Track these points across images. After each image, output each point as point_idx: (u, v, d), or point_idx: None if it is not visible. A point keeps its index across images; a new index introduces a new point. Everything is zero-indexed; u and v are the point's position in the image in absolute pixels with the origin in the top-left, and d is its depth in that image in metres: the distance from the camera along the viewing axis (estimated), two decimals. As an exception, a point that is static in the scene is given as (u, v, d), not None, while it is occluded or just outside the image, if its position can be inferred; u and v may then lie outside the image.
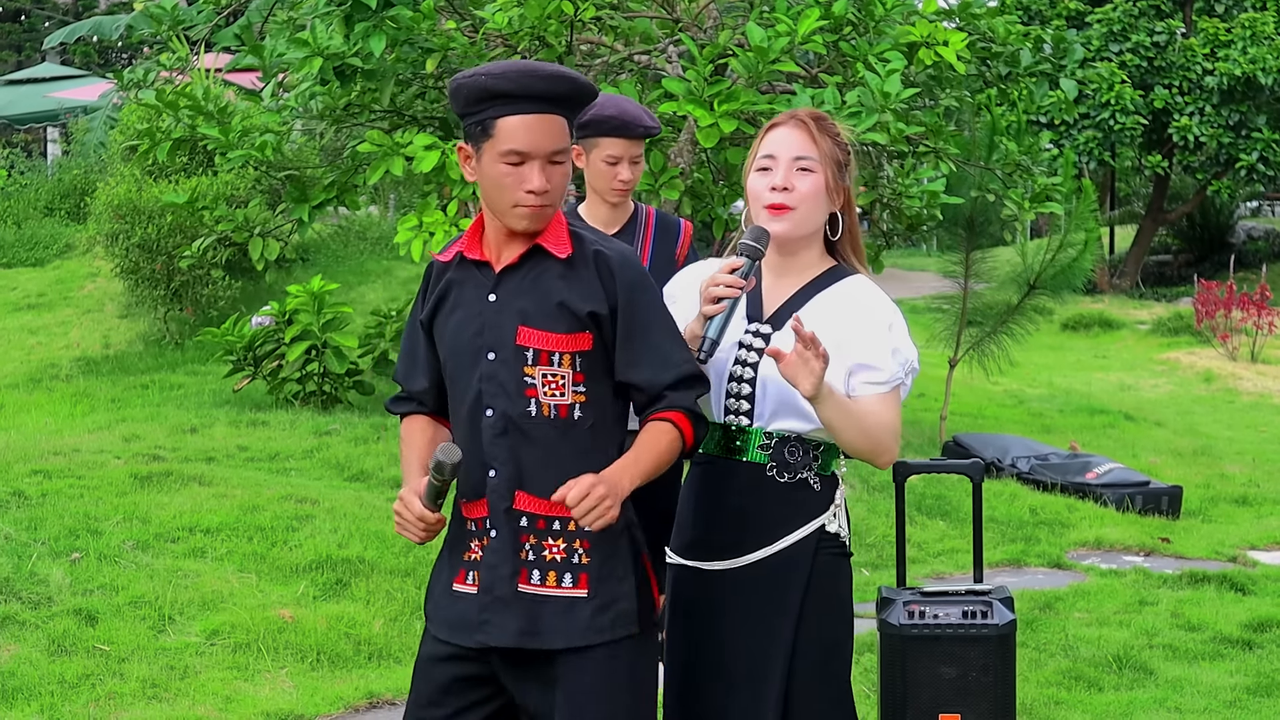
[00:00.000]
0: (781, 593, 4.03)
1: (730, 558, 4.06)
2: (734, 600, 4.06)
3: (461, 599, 3.95)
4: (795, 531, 4.04)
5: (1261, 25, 28.64)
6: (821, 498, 4.07)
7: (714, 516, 4.09)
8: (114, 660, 6.99)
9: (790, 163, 4.05)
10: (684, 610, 4.15)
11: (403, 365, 4.14)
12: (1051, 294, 13.66)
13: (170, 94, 11.13)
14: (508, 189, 3.83)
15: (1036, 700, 7.07)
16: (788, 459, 4.03)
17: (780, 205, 4.03)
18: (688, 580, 4.15)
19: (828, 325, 4.01)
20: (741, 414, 4.05)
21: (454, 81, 3.89)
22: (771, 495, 4.04)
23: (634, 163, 6.00)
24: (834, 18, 9.98)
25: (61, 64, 38.83)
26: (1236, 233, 35.19)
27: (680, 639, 4.15)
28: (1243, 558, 10.09)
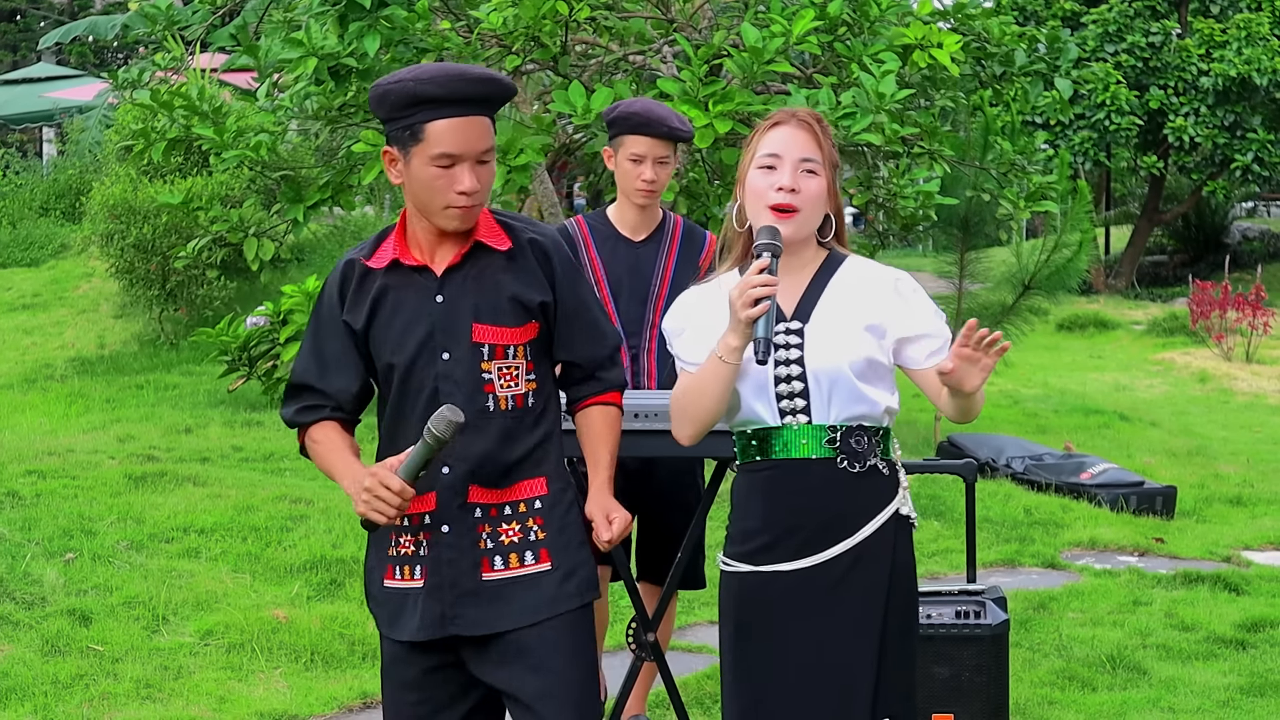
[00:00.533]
0: (865, 586, 4.03)
1: (812, 554, 4.03)
2: (817, 597, 4.04)
3: (406, 594, 4.02)
4: (874, 519, 4.04)
5: (1257, 26, 28.66)
6: (891, 482, 4.10)
7: (788, 518, 4.05)
8: (108, 660, 6.99)
9: (796, 163, 4.05)
10: (760, 616, 4.09)
11: (314, 366, 4.07)
12: (1046, 294, 13.68)
13: (165, 94, 11.13)
14: (439, 191, 3.89)
15: (1030, 700, 7.07)
16: (855, 448, 4.04)
17: (788, 206, 4.03)
18: (757, 585, 4.08)
19: (856, 307, 4.06)
20: (798, 412, 4.04)
21: (378, 87, 3.91)
22: (846, 487, 4.03)
23: (660, 163, 5.96)
24: (829, 18, 9.98)
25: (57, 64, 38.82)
26: (1232, 233, 35.20)
27: (762, 641, 4.09)
28: (1237, 558, 10.10)
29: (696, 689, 7.01)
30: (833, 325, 4.05)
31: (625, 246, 6.08)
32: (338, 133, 12.25)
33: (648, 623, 5.93)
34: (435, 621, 3.99)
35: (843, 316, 4.06)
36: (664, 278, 6.06)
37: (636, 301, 6.06)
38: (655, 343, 6.07)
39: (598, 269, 6.05)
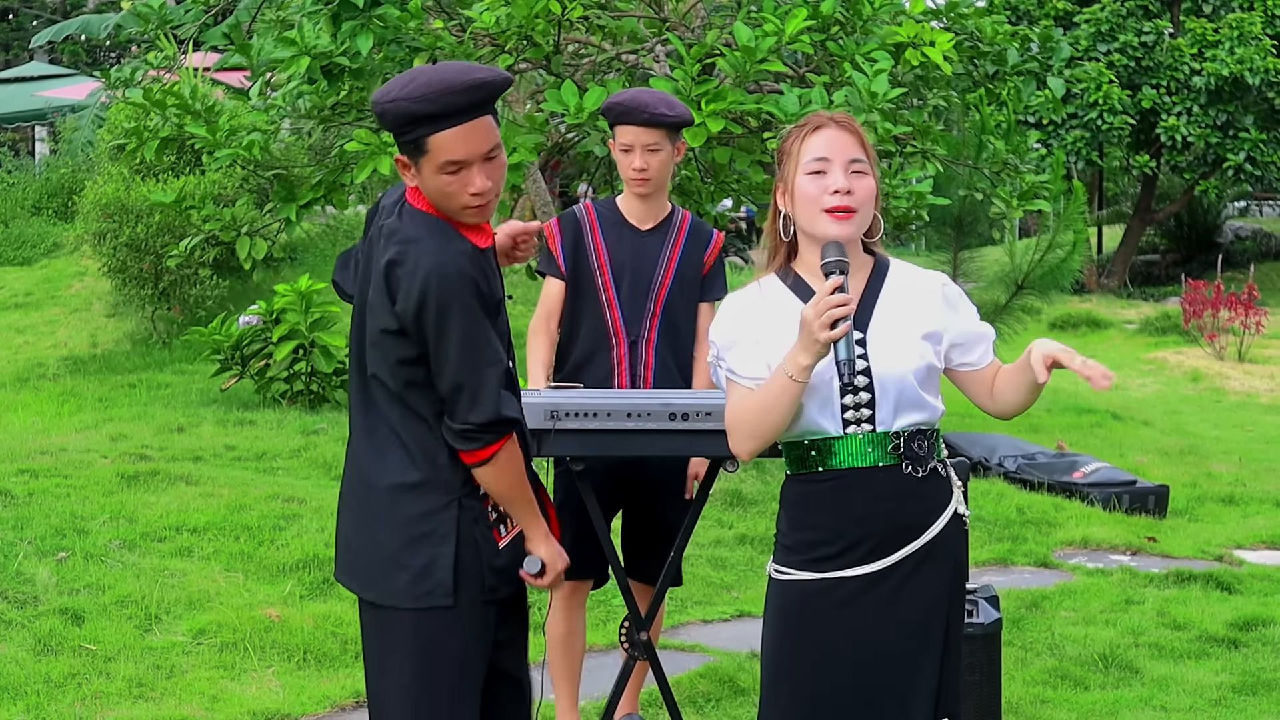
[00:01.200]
0: (928, 586, 4.08)
1: (880, 559, 4.07)
2: (881, 601, 4.07)
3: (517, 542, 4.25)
4: (938, 521, 4.09)
5: (1249, 25, 28.71)
6: (949, 482, 4.15)
7: (857, 527, 4.07)
8: (100, 659, 6.98)
9: (846, 164, 4.06)
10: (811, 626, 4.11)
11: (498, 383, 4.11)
12: (1039, 294, 13.69)
13: (158, 93, 11.12)
14: (454, 195, 4.01)
15: (1023, 699, 7.07)
16: (918, 453, 4.07)
17: (845, 208, 4.04)
18: (822, 592, 4.10)
19: (911, 315, 4.12)
20: (863, 422, 4.05)
21: (376, 106, 3.97)
22: (912, 492, 4.07)
23: (650, 150, 5.95)
24: (821, 17, 9.98)
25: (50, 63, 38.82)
26: (1224, 232, 35.26)
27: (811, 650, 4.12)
28: (1229, 557, 10.11)
29: (689, 688, 7.01)
30: (893, 333, 4.08)
31: (630, 234, 6.08)
32: (330, 132, 12.24)
33: (640, 621, 5.94)
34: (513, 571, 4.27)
35: (901, 324, 4.10)
36: (667, 269, 6.06)
37: (638, 290, 6.06)
38: (655, 333, 6.07)
39: (601, 255, 6.06)
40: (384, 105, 3.95)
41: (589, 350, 6.08)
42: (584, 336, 6.09)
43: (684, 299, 6.12)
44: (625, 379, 6.04)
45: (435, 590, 4.08)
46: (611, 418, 5.40)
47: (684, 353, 6.17)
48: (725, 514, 10.14)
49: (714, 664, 7.38)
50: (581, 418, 5.39)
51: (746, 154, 10.62)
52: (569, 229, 6.11)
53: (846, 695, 4.07)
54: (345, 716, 6.76)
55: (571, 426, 5.38)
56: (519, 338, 15.96)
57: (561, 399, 5.45)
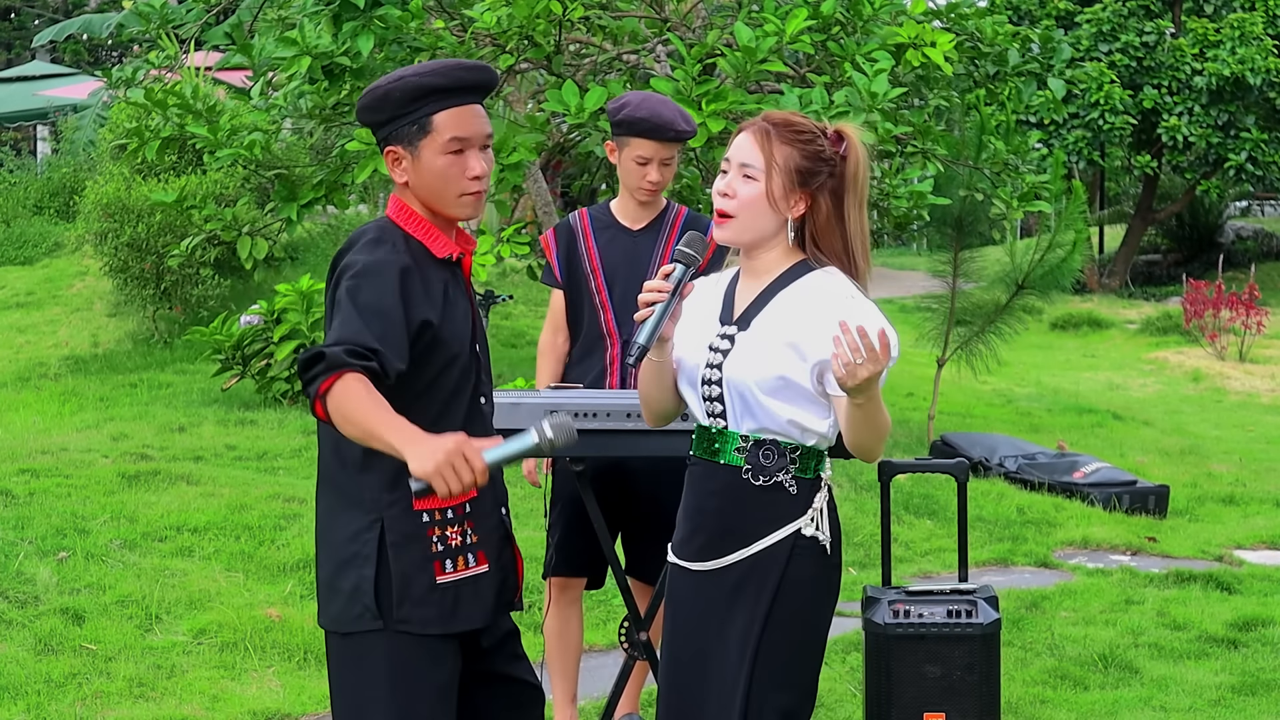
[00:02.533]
0: (753, 597, 4.05)
1: (710, 559, 4.09)
2: (712, 601, 4.09)
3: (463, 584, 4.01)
4: (769, 535, 4.04)
5: (1250, 25, 28.70)
6: (798, 501, 4.06)
7: (697, 517, 4.13)
8: (101, 659, 6.99)
9: (738, 169, 4.05)
10: (672, 608, 4.22)
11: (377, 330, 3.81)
12: (1040, 294, 13.68)
13: (159, 93, 11.13)
14: (453, 179, 3.97)
15: (1022, 699, 7.08)
16: (763, 461, 4.04)
17: (721, 212, 4.06)
18: (676, 578, 4.21)
19: (787, 323, 4.02)
20: (717, 416, 4.08)
21: (376, 90, 3.95)
22: (747, 498, 4.05)
23: (664, 164, 5.96)
24: (822, 17, 9.98)
25: (51, 62, 38.81)
26: (1225, 232, 35.25)
27: (668, 636, 4.22)
28: (1229, 557, 10.12)
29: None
30: (756, 339, 4.05)
31: (622, 235, 6.09)
32: (331, 131, 12.25)
33: (640, 621, 5.95)
34: (495, 605, 4.11)
35: (769, 331, 4.04)
36: (660, 265, 6.07)
37: (632, 290, 6.05)
38: None
39: (594, 258, 6.06)
40: (388, 85, 3.94)
41: (585, 351, 6.11)
42: (582, 339, 6.12)
43: None
44: (617, 379, 6.05)
45: (364, 614, 3.94)
46: (610, 418, 5.42)
47: None
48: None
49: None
50: (580, 418, 5.39)
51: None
52: (563, 237, 6.14)
53: (682, 684, 4.15)
54: (345, 716, 6.76)
55: (570, 427, 5.38)
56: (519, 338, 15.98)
57: (560, 399, 5.46)
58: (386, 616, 3.95)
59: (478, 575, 4.03)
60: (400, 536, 3.94)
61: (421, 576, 3.96)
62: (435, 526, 3.98)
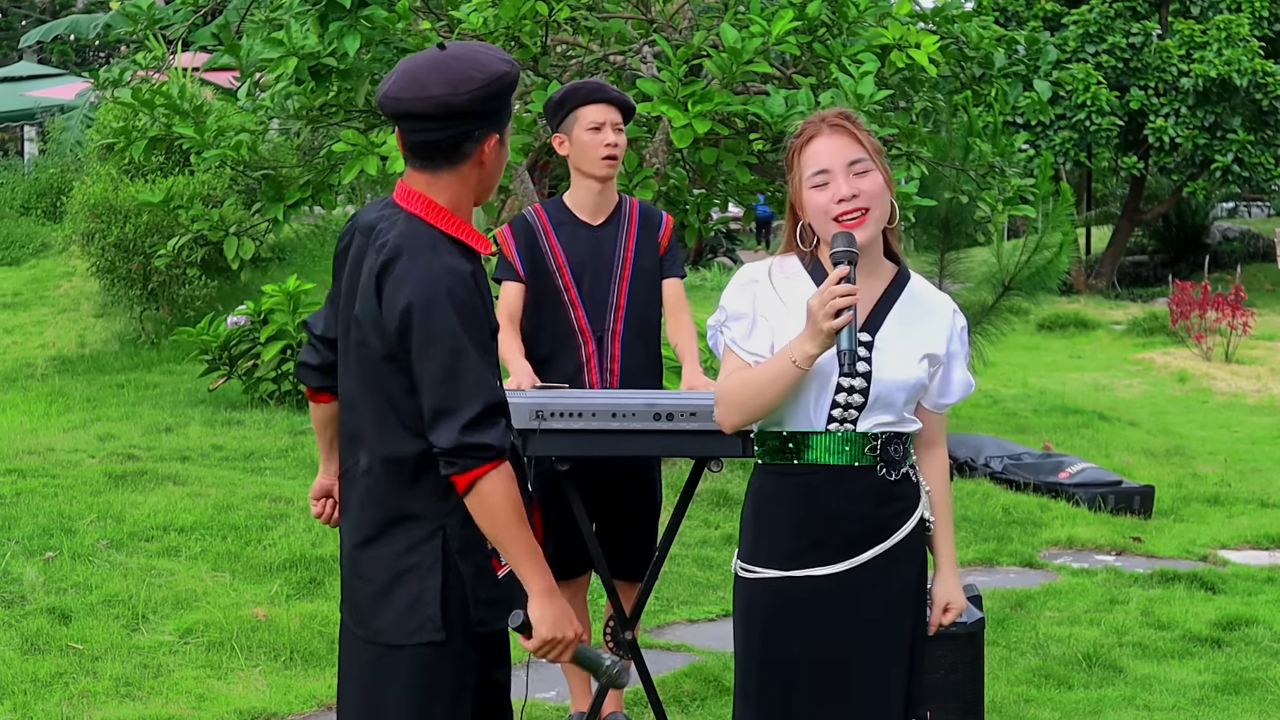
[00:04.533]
0: (902, 588, 4.10)
1: (843, 559, 4.06)
2: (849, 602, 4.07)
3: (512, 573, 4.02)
4: (906, 524, 4.10)
5: (1236, 27, 28.79)
6: (917, 487, 4.16)
7: (827, 524, 4.07)
8: (87, 659, 6.99)
9: (846, 169, 4.03)
10: (777, 624, 4.12)
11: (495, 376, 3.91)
12: (1026, 295, 13.72)
13: (146, 93, 11.14)
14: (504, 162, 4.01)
15: (1006, 698, 7.10)
16: (893, 456, 4.08)
17: (855, 211, 4.01)
18: (788, 590, 4.10)
19: (920, 332, 4.12)
20: (848, 421, 4.05)
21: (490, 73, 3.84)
22: (884, 493, 4.08)
23: (617, 129, 5.95)
24: (808, 19, 10.00)
25: (38, 62, 38.80)
26: (1212, 233, 35.36)
27: (781, 648, 4.12)
28: (1213, 557, 10.15)
29: (674, 687, 7.03)
30: (899, 345, 4.08)
31: (584, 231, 6.07)
32: (319, 132, 12.26)
33: (625, 621, 5.96)
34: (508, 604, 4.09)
35: (909, 338, 4.09)
36: (625, 259, 6.07)
37: (599, 286, 6.06)
38: (620, 325, 6.07)
39: (559, 255, 6.04)
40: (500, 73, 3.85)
41: (553, 350, 6.04)
42: (548, 337, 6.05)
43: (645, 287, 6.12)
44: (595, 375, 6.04)
45: (424, 626, 3.92)
46: (597, 418, 5.42)
47: (652, 340, 6.19)
48: (711, 514, 10.16)
49: (699, 663, 7.40)
50: (567, 418, 5.40)
51: (733, 155, 10.65)
52: (521, 233, 6.08)
53: (814, 695, 4.08)
54: (331, 716, 6.77)
55: (557, 426, 5.40)
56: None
57: (547, 399, 5.46)
58: (452, 626, 3.92)
59: None
60: (464, 543, 3.93)
61: (487, 576, 3.97)
62: None
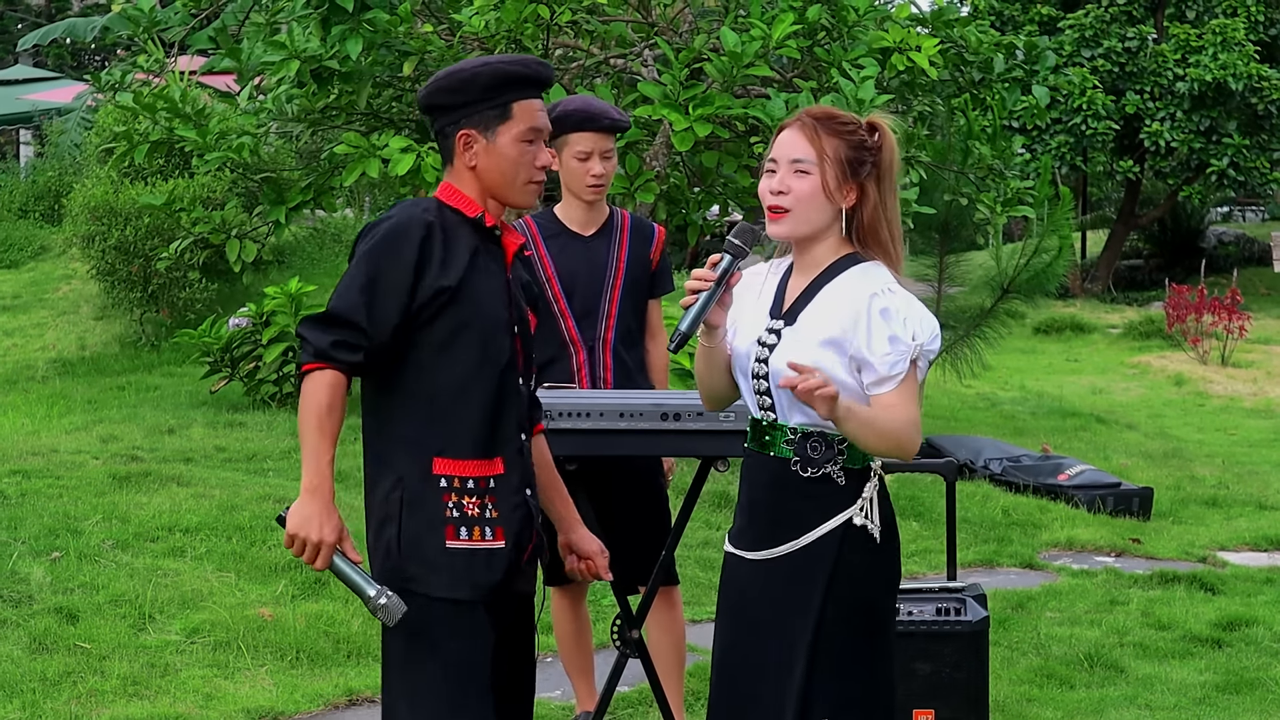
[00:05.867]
0: (805, 589, 4.09)
1: (764, 548, 4.14)
2: (765, 591, 4.14)
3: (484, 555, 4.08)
4: (820, 526, 4.09)
5: (1232, 31, 28.85)
6: (847, 491, 4.10)
7: (751, 509, 4.19)
8: (95, 658, 7.03)
9: (788, 165, 4.09)
10: (726, 596, 4.26)
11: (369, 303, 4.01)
12: (1025, 298, 13.77)
13: (148, 96, 11.18)
14: (524, 166, 4.11)
15: (1009, 698, 7.14)
16: (811, 454, 4.09)
17: (777, 208, 4.09)
18: (732, 567, 4.25)
19: (827, 319, 4.07)
20: (767, 409, 4.13)
21: (463, 70, 4.09)
22: (796, 489, 4.10)
23: (605, 157, 5.98)
24: (807, 23, 10.04)
25: (34, 66, 38.78)
26: (1207, 238, 35.41)
27: (723, 622, 4.27)
28: (1213, 558, 10.19)
29: (679, 686, 7.06)
30: (802, 333, 4.09)
31: (576, 242, 6.10)
32: (319, 135, 12.30)
33: (631, 619, 5.99)
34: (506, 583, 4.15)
35: (813, 326, 4.09)
36: (618, 271, 6.11)
37: (591, 296, 6.09)
38: (611, 335, 6.11)
39: (548, 266, 6.07)
40: (473, 70, 4.10)
41: (546, 360, 6.03)
42: (540, 347, 6.07)
43: (635, 300, 6.17)
44: (586, 384, 6.09)
45: (392, 575, 4.05)
46: (604, 418, 5.45)
47: (639, 351, 6.23)
48: (714, 515, 10.20)
49: (703, 663, 7.42)
50: (574, 418, 5.44)
51: (733, 158, 10.70)
52: None
53: (740, 673, 4.18)
54: (338, 715, 6.82)
55: (564, 426, 5.43)
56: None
57: (554, 399, 5.50)
58: (412, 580, 4.05)
59: (491, 549, 4.10)
60: (415, 496, 4.06)
61: (432, 538, 4.06)
62: (453, 493, 4.07)
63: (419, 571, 4.05)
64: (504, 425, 4.11)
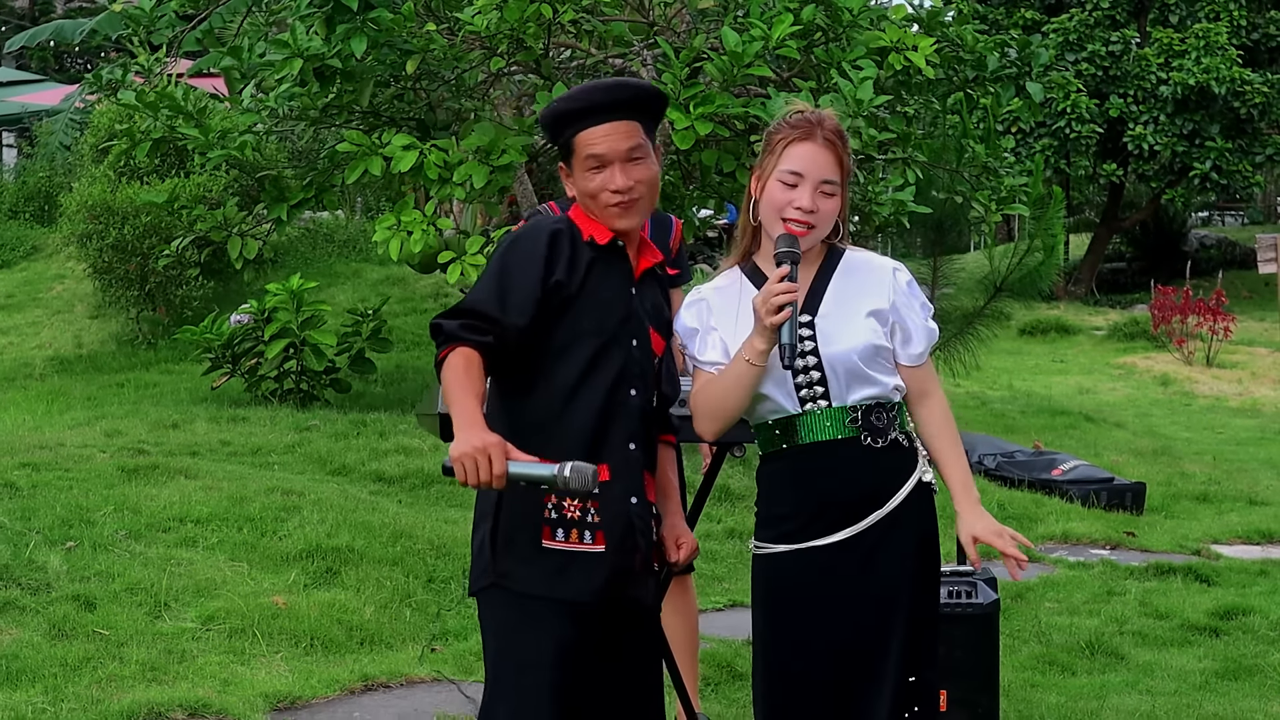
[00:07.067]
0: (898, 550, 4.24)
1: (843, 528, 4.23)
2: (851, 569, 4.23)
3: (581, 558, 4.12)
4: (902, 489, 4.24)
5: (1215, 35, 29.00)
6: (912, 452, 4.30)
7: (820, 498, 4.25)
8: (113, 644, 7.10)
9: (816, 184, 4.23)
10: (787, 595, 4.29)
11: (501, 294, 4.10)
12: (1016, 297, 13.89)
13: (150, 95, 11.25)
14: (597, 193, 4.18)
15: (1013, 683, 7.26)
16: (876, 425, 4.24)
17: (804, 223, 4.22)
18: (795, 563, 4.28)
19: (859, 296, 4.28)
20: (818, 399, 4.24)
21: (543, 117, 4.24)
22: (871, 463, 4.23)
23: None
24: (804, 23, 10.12)
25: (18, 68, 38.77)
26: (1190, 241, 35.57)
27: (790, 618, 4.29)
28: (1206, 551, 10.33)
29: (689, 672, 7.16)
30: (839, 314, 4.26)
31: None
32: (319, 134, 12.37)
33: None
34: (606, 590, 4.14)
35: (848, 305, 4.27)
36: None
37: None
38: None
39: None
40: (543, 114, 4.23)
41: None
42: None
43: None
44: None
45: (484, 572, 4.15)
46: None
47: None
48: (713, 508, 10.31)
49: (711, 650, 7.55)
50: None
51: (733, 156, 10.79)
52: None
53: (823, 660, 4.25)
54: (354, 700, 6.90)
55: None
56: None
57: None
58: (501, 576, 4.12)
59: (590, 553, 4.13)
60: (515, 495, 4.09)
61: (527, 536, 4.12)
62: (554, 494, 4.11)
63: (511, 568, 4.12)
64: (611, 434, 4.16)
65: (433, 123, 11.42)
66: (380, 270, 18.30)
